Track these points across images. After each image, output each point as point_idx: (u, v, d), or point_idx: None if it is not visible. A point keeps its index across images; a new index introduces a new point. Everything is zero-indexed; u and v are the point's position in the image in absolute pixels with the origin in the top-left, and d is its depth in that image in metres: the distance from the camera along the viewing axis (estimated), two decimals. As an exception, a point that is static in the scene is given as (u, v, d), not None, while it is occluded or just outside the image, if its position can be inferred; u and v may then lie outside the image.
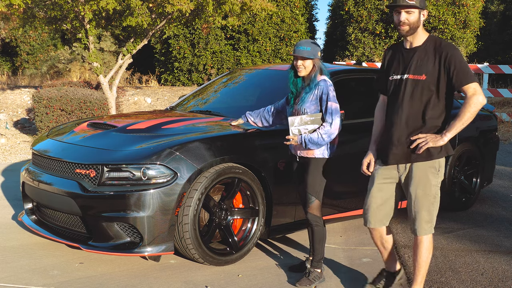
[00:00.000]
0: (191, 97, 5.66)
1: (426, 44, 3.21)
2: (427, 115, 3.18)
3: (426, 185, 3.22)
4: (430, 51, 3.18)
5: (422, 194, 3.22)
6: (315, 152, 3.61)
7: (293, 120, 3.59)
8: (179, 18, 10.08)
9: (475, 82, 3.12)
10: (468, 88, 3.12)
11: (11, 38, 19.89)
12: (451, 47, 3.16)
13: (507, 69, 11.49)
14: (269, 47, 16.93)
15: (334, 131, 3.55)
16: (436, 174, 3.23)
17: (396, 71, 3.28)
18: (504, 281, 3.82)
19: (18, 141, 9.38)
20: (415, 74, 3.19)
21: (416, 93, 3.18)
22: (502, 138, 10.12)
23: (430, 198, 3.23)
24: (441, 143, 3.14)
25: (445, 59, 3.13)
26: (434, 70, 3.15)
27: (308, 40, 3.69)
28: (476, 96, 3.10)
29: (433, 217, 3.28)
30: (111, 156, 3.85)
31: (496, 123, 6.15)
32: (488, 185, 6.21)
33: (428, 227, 3.27)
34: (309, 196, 3.66)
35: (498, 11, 21.58)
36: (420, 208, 3.24)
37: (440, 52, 3.15)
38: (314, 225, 3.68)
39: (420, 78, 3.17)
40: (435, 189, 3.25)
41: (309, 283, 3.65)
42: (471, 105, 3.10)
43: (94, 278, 3.71)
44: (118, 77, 10.11)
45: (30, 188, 4.32)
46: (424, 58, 3.18)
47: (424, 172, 3.21)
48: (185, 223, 3.73)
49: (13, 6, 8.43)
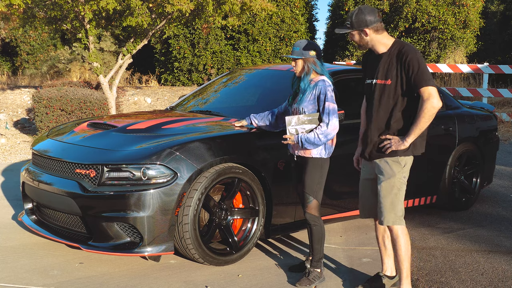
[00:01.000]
0: (191, 97, 5.66)
1: (391, 50, 3.36)
2: (393, 118, 3.34)
3: (391, 177, 3.36)
4: (393, 56, 3.33)
5: (386, 185, 3.37)
6: (312, 152, 3.62)
7: (290, 120, 3.59)
8: (179, 18, 10.08)
9: (431, 86, 3.21)
10: (423, 92, 3.21)
11: (11, 38, 19.90)
12: (412, 51, 3.27)
13: (507, 69, 11.48)
14: (269, 47, 16.93)
15: (331, 132, 3.55)
16: (401, 169, 3.37)
17: (369, 75, 3.48)
18: (504, 281, 3.82)
19: (18, 141, 9.38)
20: (381, 79, 3.35)
21: (383, 97, 3.35)
22: (502, 138, 10.12)
23: (394, 189, 3.37)
24: (402, 147, 3.29)
25: (405, 62, 3.26)
26: (397, 75, 3.29)
27: (303, 40, 3.69)
28: (430, 101, 3.18)
29: (397, 209, 3.39)
30: (111, 156, 3.85)
31: (496, 123, 6.15)
32: (488, 185, 6.20)
33: (392, 218, 3.38)
34: (307, 196, 3.66)
35: (498, 11, 21.58)
36: (384, 198, 3.38)
37: (401, 56, 3.28)
38: (312, 225, 3.69)
39: (386, 83, 3.33)
40: (399, 182, 3.38)
41: (309, 283, 3.65)
42: (424, 110, 3.20)
43: (94, 278, 3.71)
44: (118, 77, 10.10)
45: (30, 188, 4.32)
46: (389, 64, 3.33)
47: (389, 166, 3.37)
48: (185, 223, 3.73)
49: (13, 6, 8.43)
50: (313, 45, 3.66)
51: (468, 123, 5.69)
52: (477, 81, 15.10)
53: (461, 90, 11.88)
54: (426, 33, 16.80)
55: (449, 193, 5.48)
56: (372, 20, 3.30)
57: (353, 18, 3.32)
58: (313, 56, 3.63)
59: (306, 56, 3.62)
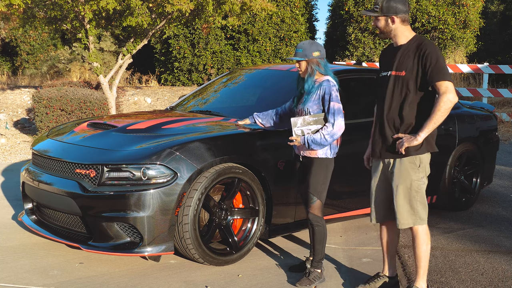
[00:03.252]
0: (191, 97, 5.66)
1: (410, 43, 3.33)
2: (404, 111, 3.28)
3: (406, 179, 3.30)
4: (412, 49, 3.30)
5: (403, 188, 3.31)
6: (318, 152, 3.61)
7: (295, 121, 3.58)
8: (179, 18, 10.08)
9: (448, 80, 3.17)
10: (440, 86, 3.17)
11: (11, 38, 19.90)
12: (431, 45, 3.25)
13: (507, 69, 11.49)
14: (269, 47, 16.93)
15: (336, 132, 3.54)
16: (417, 169, 3.31)
17: (384, 68, 3.44)
18: (504, 281, 3.82)
19: (18, 141, 9.38)
20: (397, 71, 3.32)
21: (396, 89, 3.31)
22: (502, 138, 10.12)
23: (412, 192, 3.31)
24: (415, 143, 3.21)
25: (423, 55, 3.23)
26: (413, 67, 3.26)
27: (305, 42, 3.68)
28: (447, 95, 3.14)
29: (418, 210, 3.34)
30: (111, 156, 3.85)
31: (496, 123, 6.15)
32: (488, 185, 6.20)
33: (412, 219, 3.34)
34: (311, 196, 3.65)
35: (498, 11, 21.58)
36: (402, 201, 3.32)
37: (420, 49, 3.25)
38: (315, 225, 3.68)
39: (400, 74, 3.29)
40: (416, 183, 3.31)
41: (309, 283, 3.64)
42: (440, 103, 3.15)
43: (94, 278, 3.71)
44: (118, 77, 10.10)
45: (30, 188, 4.32)
46: (405, 55, 3.30)
47: (404, 167, 3.31)
48: (185, 223, 3.73)
49: (13, 6, 8.43)
50: (317, 46, 3.65)
51: (468, 123, 5.69)
52: (477, 81, 15.11)
53: (461, 90, 11.88)
54: (426, 33, 16.80)
55: (449, 193, 5.48)
56: (402, 9, 3.29)
57: (384, 3, 3.28)
58: (316, 57, 3.62)
59: (309, 58, 3.61)
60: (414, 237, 3.38)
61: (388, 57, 3.44)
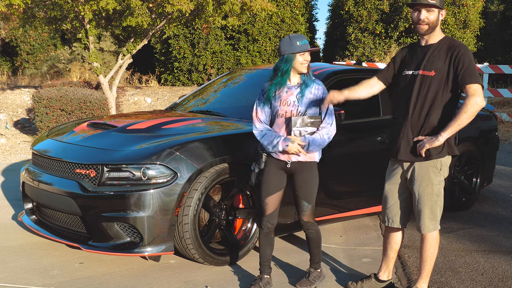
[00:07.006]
0: (191, 97, 5.66)
1: (440, 43, 3.25)
2: (430, 112, 3.20)
3: (428, 184, 3.25)
4: (443, 49, 3.22)
5: (425, 192, 3.26)
6: (315, 156, 3.48)
7: (295, 120, 3.40)
8: (179, 18, 10.09)
9: (478, 84, 3.11)
10: (469, 88, 3.11)
11: (11, 38, 19.91)
12: (464, 47, 3.19)
13: (507, 69, 11.49)
14: (269, 47, 16.93)
15: (333, 132, 3.49)
16: (438, 173, 3.26)
17: (409, 67, 3.32)
18: (504, 281, 3.82)
19: (18, 141, 9.38)
20: (425, 70, 3.22)
21: (423, 89, 3.21)
22: (502, 138, 10.12)
23: (433, 196, 3.27)
24: (437, 144, 3.14)
25: (456, 57, 3.15)
26: (443, 67, 3.18)
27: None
28: (475, 97, 3.08)
29: (437, 215, 3.31)
30: (111, 156, 3.85)
31: (496, 123, 6.15)
32: (488, 185, 6.21)
33: (432, 225, 3.31)
34: (306, 205, 3.50)
35: (498, 11, 21.59)
36: (423, 206, 3.28)
37: (453, 50, 3.18)
38: (310, 231, 3.58)
39: (429, 74, 3.20)
40: (437, 187, 3.27)
41: (309, 284, 3.63)
42: (468, 105, 3.09)
43: (94, 278, 3.71)
44: (118, 77, 10.11)
45: (30, 188, 4.32)
46: (436, 55, 3.22)
47: (425, 171, 3.24)
48: (185, 223, 3.72)
49: (13, 6, 8.43)
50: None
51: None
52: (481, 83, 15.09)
53: (461, 90, 11.87)
54: (426, 33, 16.79)
55: (449, 193, 5.47)
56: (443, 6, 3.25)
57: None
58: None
59: None
60: (424, 239, 3.35)
61: (413, 55, 3.33)
